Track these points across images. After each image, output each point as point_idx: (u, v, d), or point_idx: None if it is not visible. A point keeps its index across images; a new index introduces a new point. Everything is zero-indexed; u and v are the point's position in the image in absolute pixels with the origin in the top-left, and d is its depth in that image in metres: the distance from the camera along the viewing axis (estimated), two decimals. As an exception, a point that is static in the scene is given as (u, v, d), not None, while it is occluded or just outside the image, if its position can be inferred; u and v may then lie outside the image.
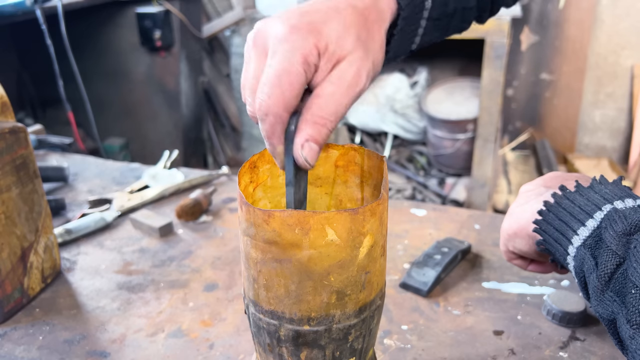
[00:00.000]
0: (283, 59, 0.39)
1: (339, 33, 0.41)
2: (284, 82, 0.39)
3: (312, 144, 0.40)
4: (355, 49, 0.42)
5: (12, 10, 1.83)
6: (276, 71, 0.39)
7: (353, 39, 0.42)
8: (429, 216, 0.93)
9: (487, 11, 0.59)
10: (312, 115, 0.40)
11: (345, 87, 0.41)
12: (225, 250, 0.84)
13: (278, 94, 0.39)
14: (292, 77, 0.39)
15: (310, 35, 0.40)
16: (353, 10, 0.43)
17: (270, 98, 0.39)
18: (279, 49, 0.40)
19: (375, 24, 0.44)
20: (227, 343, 0.65)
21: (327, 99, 0.40)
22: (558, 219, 0.49)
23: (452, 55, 2.92)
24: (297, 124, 0.41)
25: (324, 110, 0.40)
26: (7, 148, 0.66)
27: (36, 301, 0.73)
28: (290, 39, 0.39)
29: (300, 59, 0.39)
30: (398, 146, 3.02)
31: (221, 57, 3.23)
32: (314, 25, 0.40)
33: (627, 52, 2.78)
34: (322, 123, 0.40)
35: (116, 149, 2.64)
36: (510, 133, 3.11)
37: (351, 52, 0.41)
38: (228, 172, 1.10)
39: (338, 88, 0.40)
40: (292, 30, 0.40)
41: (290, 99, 0.39)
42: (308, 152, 0.40)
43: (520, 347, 0.63)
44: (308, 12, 0.42)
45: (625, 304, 0.41)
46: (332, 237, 0.40)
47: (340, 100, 0.40)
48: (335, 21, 0.41)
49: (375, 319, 0.47)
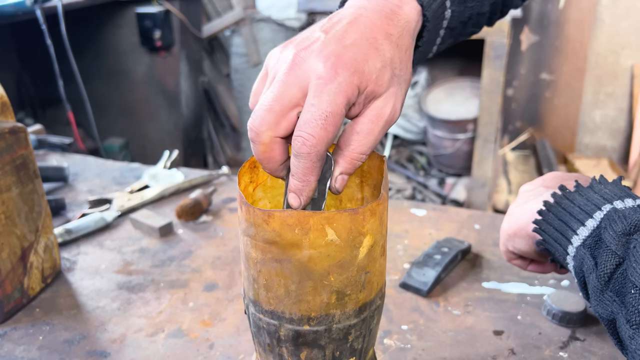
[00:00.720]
0: (330, 100, 0.40)
1: (378, 72, 0.42)
2: (329, 123, 0.40)
3: (345, 176, 0.43)
4: (391, 85, 0.43)
5: (12, 10, 1.83)
6: (323, 112, 0.39)
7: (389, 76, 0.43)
8: (429, 216, 0.93)
9: (498, 14, 0.59)
10: (351, 151, 0.42)
11: (382, 124, 0.42)
12: (225, 250, 0.84)
13: (323, 135, 0.40)
14: (337, 119, 0.40)
15: (354, 77, 0.40)
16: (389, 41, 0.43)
17: (315, 138, 0.40)
18: (325, 89, 0.40)
19: (408, 51, 0.45)
20: (227, 343, 0.65)
21: (366, 137, 0.42)
22: (558, 219, 0.49)
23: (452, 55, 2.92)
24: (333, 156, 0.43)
25: (363, 147, 0.42)
26: (7, 148, 0.66)
27: (36, 301, 0.73)
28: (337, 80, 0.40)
29: (345, 100, 0.40)
30: (398, 146, 3.02)
31: (221, 57, 3.23)
32: (356, 66, 0.41)
33: (627, 52, 2.78)
34: (359, 159, 0.43)
35: (116, 149, 2.64)
36: (510, 133, 3.11)
37: (387, 88, 0.42)
38: (228, 172, 1.10)
39: (376, 125, 0.42)
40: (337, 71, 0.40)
41: (332, 139, 0.41)
42: (341, 183, 0.43)
43: (520, 347, 0.63)
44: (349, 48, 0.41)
45: (624, 304, 0.41)
46: (332, 237, 0.40)
47: (377, 136, 0.43)
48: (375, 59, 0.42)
49: (375, 319, 0.47)
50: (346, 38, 0.42)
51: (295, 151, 0.41)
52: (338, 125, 0.40)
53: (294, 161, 0.41)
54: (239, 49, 3.13)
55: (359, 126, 0.42)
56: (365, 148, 0.42)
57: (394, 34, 0.44)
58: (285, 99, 0.41)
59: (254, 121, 0.42)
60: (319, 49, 0.41)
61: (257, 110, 0.42)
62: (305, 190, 0.42)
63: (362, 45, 0.42)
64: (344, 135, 0.43)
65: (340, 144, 0.43)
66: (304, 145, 0.40)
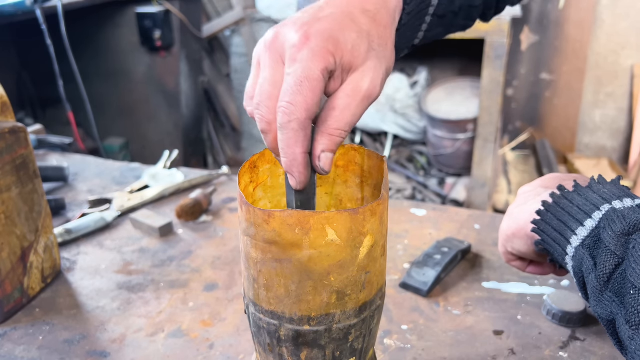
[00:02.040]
0: (304, 66, 0.39)
1: (353, 42, 0.41)
2: (305, 89, 0.39)
3: (328, 154, 0.41)
4: (368, 58, 0.42)
5: (12, 10, 1.83)
6: (298, 78, 0.39)
7: (366, 48, 0.42)
8: (429, 216, 0.93)
9: (492, 9, 0.59)
10: (327, 127, 0.41)
11: (360, 98, 0.41)
12: (225, 250, 0.85)
13: (301, 101, 0.39)
14: (314, 84, 0.39)
15: (328, 43, 0.40)
16: (366, 16, 0.43)
17: (293, 105, 0.39)
18: (298, 56, 0.39)
19: (388, 29, 0.45)
20: (227, 343, 0.65)
21: (342, 112, 0.41)
22: (556, 219, 0.49)
23: (452, 55, 2.92)
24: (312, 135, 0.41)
25: (339, 123, 0.41)
26: (7, 148, 0.66)
27: (36, 301, 0.73)
28: (308, 46, 0.39)
29: (320, 65, 0.39)
30: (398, 146, 3.02)
31: (221, 57, 3.23)
32: (330, 33, 0.40)
33: (627, 52, 2.78)
34: (337, 134, 0.41)
35: (116, 149, 2.64)
36: (510, 133, 3.11)
37: (365, 62, 0.42)
38: (228, 172, 1.10)
39: (353, 100, 0.41)
40: (310, 38, 0.40)
41: (312, 106, 0.39)
42: (325, 161, 0.42)
43: (520, 347, 0.63)
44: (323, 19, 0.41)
45: (624, 304, 0.41)
46: (332, 237, 0.40)
47: (354, 111, 0.41)
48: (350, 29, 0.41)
49: (375, 319, 0.47)
50: (321, 12, 0.42)
51: (278, 124, 0.40)
52: (317, 92, 0.39)
53: (279, 136, 0.40)
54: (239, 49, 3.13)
55: (335, 101, 0.41)
56: (342, 124, 0.41)
57: (370, 9, 0.44)
58: (278, 79, 0.41)
59: (261, 112, 0.41)
60: (293, 22, 0.41)
61: (259, 101, 0.41)
62: (294, 166, 0.41)
63: (336, 17, 0.42)
64: (322, 112, 0.41)
65: (317, 121, 0.41)
66: (284, 114, 0.39)
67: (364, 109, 0.42)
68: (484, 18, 0.60)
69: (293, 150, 0.40)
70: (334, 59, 0.40)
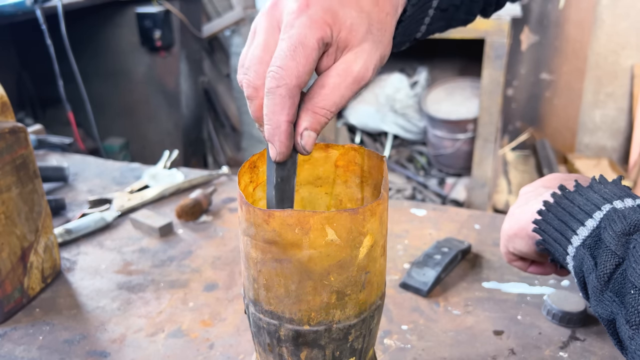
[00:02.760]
0: (299, 32, 0.38)
1: (353, 20, 0.40)
2: (299, 55, 0.37)
3: (310, 132, 0.40)
4: (365, 40, 0.41)
5: (12, 10, 1.83)
6: (292, 44, 0.38)
7: (365, 29, 0.41)
8: (429, 216, 0.93)
9: (493, 5, 0.59)
10: (313, 105, 0.40)
11: (351, 80, 0.40)
12: (225, 250, 0.84)
13: (292, 67, 0.37)
14: (308, 51, 0.38)
15: (327, 14, 0.39)
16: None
17: (284, 70, 0.37)
18: (296, 22, 0.38)
19: (388, 16, 0.44)
20: (227, 343, 0.65)
21: (331, 91, 0.39)
22: (557, 219, 0.49)
23: (452, 55, 2.92)
24: None
25: (326, 102, 0.39)
26: (7, 148, 0.66)
27: (36, 301, 0.73)
28: (307, 13, 0.38)
29: (317, 33, 0.38)
30: (398, 146, 3.02)
31: (221, 57, 3.23)
32: (330, 5, 0.39)
33: (627, 52, 2.78)
34: (323, 113, 0.40)
35: (116, 149, 2.64)
36: (510, 133, 3.11)
37: (361, 43, 0.40)
38: (228, 172, 1.10)
39: (343, 80, 0.40)
40: (310, 6, 0.39)
41: (304, 73, 0.38)
42: (307, 140, 0.40)
43: (520, 347, 0.63)
44: None
45: (624, 304, 0.41)
46: (332, 237, 0.40)
47: (343, 92, 0.40)
48: (351, 6, 0.40)
49: (375, 319, 0.47)
50: None
51: (265, 89, 0.38)
52: (310, 59, 0.38)
53: (265, 101, 0.39)
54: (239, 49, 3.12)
55: (325, 79, 0.40)
56: (328, 103, 0.39)
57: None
58: (271, 45, 0.40)
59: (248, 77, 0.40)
60: None
61: (247, 65, 0.40)
62: (276, 134, 0.39)
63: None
64: (310, 89, 0.40)
65: (304, 98, 0.40)
66: (273, 78, 0.38)
67: (353, 91, 0.40)
68: (485, 14, 0.60)
69: (277, 117, 0.39)
70: (330, 31, 0.39)
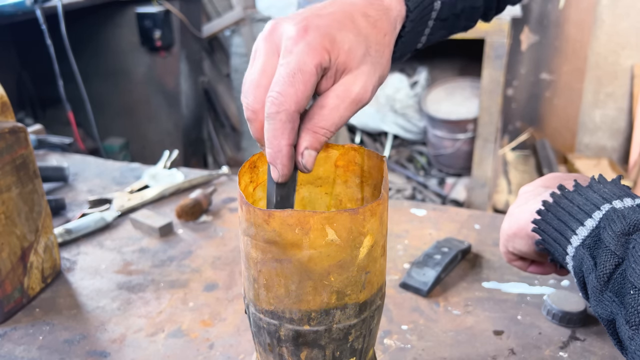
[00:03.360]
0: (298, 58, 0.39)
1: (351, 44, 0.41)
2: (298, 80, 0.39)
3: (311, 151, 0.41)
4: (363, 63, 0.42)
5: (12, 10, 1.83)
6: (291, 70, 0.39)
7: (363, 52, 0.42)
8: (429, 216, 0.93)
9: (493, 9, 0.59)
10: (313, 125, 0.41)
11: (350, 101, 0.41)
12: (225, 250, 0.85)
13: (292, 93, 0.38)
14: (307, 77, 0.39)
15: (325, 39, 0.40)
16: (366, 20, 0.43)
17: (282, 96, 0.38)
18: (294, 49, 0.39)
19: (387, 36, 0.45)
20: (227, 343, 0.65)
21: (330, 111, 0.41)
22: (557, 219, 0.49)
23: (452, 55, 2.92)
24: None
25: (326, 122, 0.41)
26: (7, 148, 0.66)
27: (36, 301, 0.73)
28: (305, 39, 0.39)
29: (315, 60, 0.39)
30: (398, 146, 3.02)
31: (221, 57, 3.23)
32: (327, 30, 0.40)
33: (627, 52, 2.78)
34: (322, 133, 0.41)
35: (116, 149, 2.64)
36: (510, 133, 3.11)
37: (359, 65, 0.41)
38: (228, 172, 1.10)
39: (342, 102, 0.41)
40: (308, 32, 0.40)
41: (303, 99, 0.39)
42: (307, 159, 0.41)
43: (520, 347, 0.63)
44: (323, 16, 0.41)
45: (624, 304, 0.41)
46: (332, 237, 0.40)
47: (342, 113, 0.41)
48: (348, 30, 0.41)
49: (375, 319, 0.47)
50: (322, 10, 0.42)
51: (266, 114, 0.40)
52: (308, 85, 0.39)
53: (265, 125, 0.40)
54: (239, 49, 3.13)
55: (324, 100, 0.41)
56: (328, 123, 0.41)
57: (372, 15, 0.44)
58: (268, 70, 0.41)
59: (247, 100, 0.41)
60: (294, 16, 0.41)
61: (246, 90, 0.41)
62: (278, 158, 0.40)
63: (337, 16, 0.42)
64: (310, 109, 0.41)
65: (304, 118, 0.41)
66: (273, 104, 0.39)
67: (352, 112, 0.42)
68: (485, 18, 0.60)
69: (279, 141, 0.40)
70: (329, 56, 0.40)
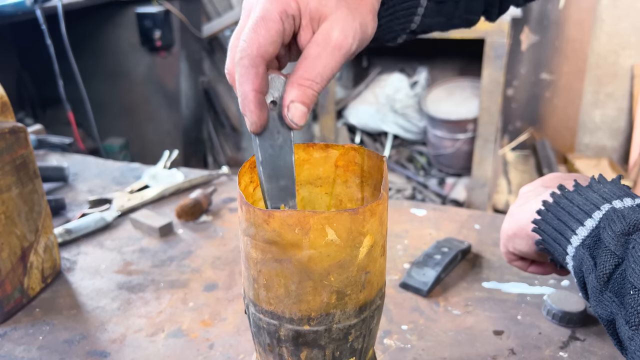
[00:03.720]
0: (262, 7, 0.40)
1: None
2: (259, 27, 0.40)
3: (297, 104, 0.41)
4: (339, 8, 0.42)
5: (12, 10, 1.83)
6: (254, 19, 0.40)
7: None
8: (429, 216, 0.93)
9: (496, 7, 0.59)
10: (297, 77, 0.41)
11: (330, 48, 0.41)
12: (225, 250, 0.85)
13: (254, 38, 0.40)
14: (269, 24, 0.40)
15: None
16: None
17: (245, 42, 0.40)
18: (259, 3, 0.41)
19: None
20: (227, 343, 0.65)
21: (312, 61, 0.41)
22: (557, 219, 0.49)
23: (452, 55, 2.92)
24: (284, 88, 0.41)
25: (309, 72, 0.41)
26: (7, 148, 0.66)
27: (36, 301, 0.73)
28: None
29: (278, 7, 0.40)
30: (398, 146, 3.02)
31: (221, 57, 3.23)
32: None
33: (627, 52, 2.78)
34: (308, 85, 0.41)
35: (116, 149, 2.64)
36: (510, 133, 3.11)
37: (334, 11, 0.42)
38: (228, 172, 1.10)
39: (323, 49, 0.41)
40: None
41: (265, 43, 0.40)
42: (294, 112, 0.41)
43: (520, 347, 0.63)
44: None
45: (624, 304, 0.41)
46: (332, 237, 0.40)
47: (325, 61, 0.41)
48: None
49: (375, 319, 0.47)
50: None
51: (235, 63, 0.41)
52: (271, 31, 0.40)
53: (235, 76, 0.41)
54: (239, 49, 3.12)
55: (306, 52, 0.41)
56: (312, 74, 0.41)
57: None
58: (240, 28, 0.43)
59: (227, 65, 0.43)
60: None
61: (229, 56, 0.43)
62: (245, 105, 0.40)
63: None
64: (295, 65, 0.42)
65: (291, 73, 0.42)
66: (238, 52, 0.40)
67: (335, 60, 0.41)
68: (489, 17, 0.60)
69: (244, 87, 0.40)
70: (296, 4, 0.41)
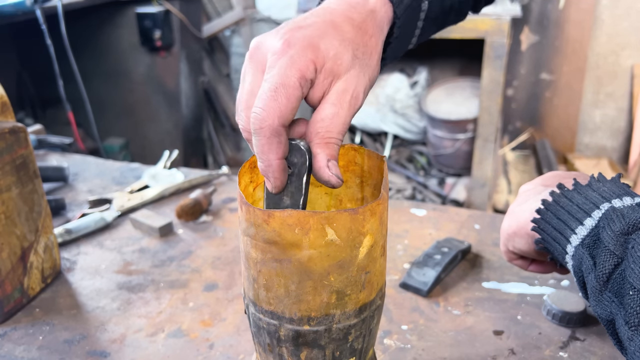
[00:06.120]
0: (280, 72, 0.39)
1: (336, 50, 0.41)
2: (280, 95, 0.39)
3: (333, 162, 0.41)
4: (352, 67, 0.42)
5: (12, 10, 1.83)
6: (273, 85, 0.39)
7: (350, 56, 0.42)
8: (429, 216, 0.93)
9: (483, 1, 0.60)
10: (322, 138, 0.41)
11: (346, 107, 0.41)
12: (225, 250, 0.85)
13: (274, 107, 0.39)
14: (289, 91, 0.39)
15: (308, 51, 0.40)
16: (350, 24, 0.43)
17: (265, 111, 0.39)
18: (276, 63, 0.40)
19: (373, 38, 0.45)
20: (227, 343, 0.65)
21: (332, 121, 0.41)
22: (556, 218, 0.49)
23: (452, 55, 2.92)
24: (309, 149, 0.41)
25: (332, 132, 0.41)
26: (7, 148, 0.66)
27: (36, 301, 0.73)
28: (287, 53, 0.40)
29: (298, 73, 0.39)
30: (398, 146, 3.02)
31: (221, 57, 3.23)
32: (310, 41, 0.40)
33: (627, 52, 2.78)
34: (334, 142, 0.41)
35: (116, 149, 2.64)
36: (510, 133, 3.11)
37: (348, 70, 0.42)
38: (228, 172, 1.10)
39: (340, 109, 0.41)
40: (289, 45, 0.40)
41: (286, 112, 0.39)
42: (334, 169, 0.41)
43: (520, 347, 0.63)
44: (304, 27, 0.41)
45: (623, 305, 0.41)
46: (332, 237, 0.40)
47: (343, 119, 0.41)
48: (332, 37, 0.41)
49: (375, 319, 0.47)
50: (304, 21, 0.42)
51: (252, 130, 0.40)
52: (292, 99, 0.39)
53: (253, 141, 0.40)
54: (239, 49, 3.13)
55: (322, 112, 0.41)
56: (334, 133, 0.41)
57: (355, 18, 0.44)
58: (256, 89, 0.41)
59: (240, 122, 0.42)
60: (276, 31, 0.42)
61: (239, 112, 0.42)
62: (269, 171, 0.41)
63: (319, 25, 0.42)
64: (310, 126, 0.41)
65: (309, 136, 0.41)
66: (255, 120, 0.39)
67: (351, 117, 0.42)
68: (475, 10, 0.60)
69: (267, 156, 0.40)
70: (314, 67, 0.40)
